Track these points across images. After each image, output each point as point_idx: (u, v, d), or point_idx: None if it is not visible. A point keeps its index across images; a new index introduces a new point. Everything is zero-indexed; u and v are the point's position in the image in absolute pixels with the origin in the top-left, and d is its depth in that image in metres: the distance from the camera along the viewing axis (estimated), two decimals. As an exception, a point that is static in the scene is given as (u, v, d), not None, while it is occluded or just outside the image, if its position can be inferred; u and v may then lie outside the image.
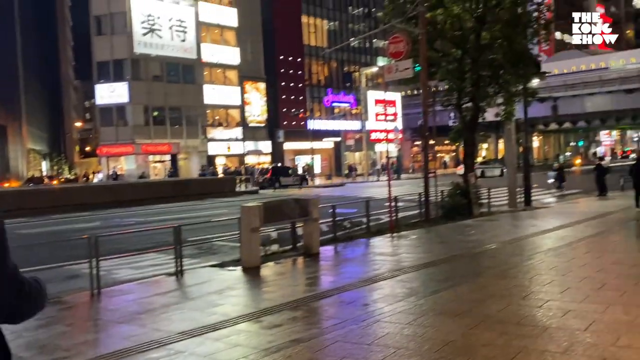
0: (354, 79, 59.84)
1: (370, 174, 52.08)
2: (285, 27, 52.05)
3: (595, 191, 23.95)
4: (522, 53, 17.89)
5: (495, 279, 7.62)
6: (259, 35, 50.34)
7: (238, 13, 47.78)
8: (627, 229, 13.43)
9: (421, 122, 17.21)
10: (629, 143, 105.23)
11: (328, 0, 57.26)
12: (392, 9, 18.15)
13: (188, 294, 7.67)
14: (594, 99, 55.47)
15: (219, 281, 8.26)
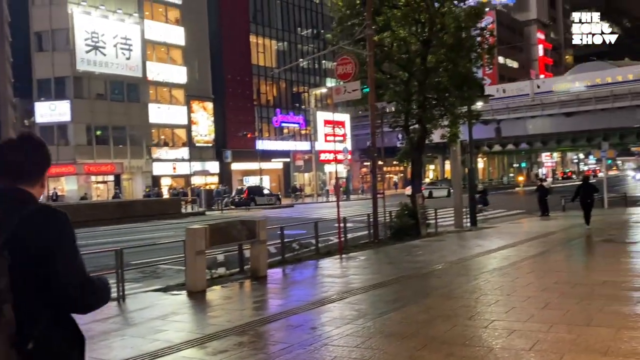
0: (303, 100, 60.23)
1: (320, 195, 52.24)
2: (233, 46, 52.02)
3: (537, 211, 24.74)
4: (467, 76, 18.45)
5: (442, 300, 7.70)
6: (206, 54, 50.11)
7: (185, 32, 47.48)
8: (569, 248, 13.88)
9: (370, 143, 17.41)
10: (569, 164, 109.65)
11: (277, 21, 57.64)
12: (341, 31, 18.44)
13: (130, 320, 7.43)
14: (536, 122, 57.59)
15: (162, 306, 8.04)
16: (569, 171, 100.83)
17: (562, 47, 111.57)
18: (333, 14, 19.63)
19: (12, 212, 1.88)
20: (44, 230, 1.89)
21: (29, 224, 1.87)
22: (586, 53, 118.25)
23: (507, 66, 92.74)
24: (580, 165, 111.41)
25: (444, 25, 18.22)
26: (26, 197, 1.99)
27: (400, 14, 17.48)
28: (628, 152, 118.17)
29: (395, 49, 18.20)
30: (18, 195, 1.96)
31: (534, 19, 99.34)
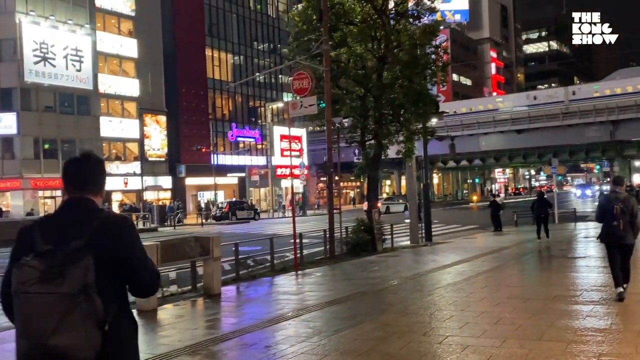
0: (260, 114, 60.14)
1: (276, 210, 52.06)
2: (188, 59, 51.61)
3: (491, 227, 25.28)
4: (422, 93, 18.77)
5: (397, 316, 7.74)
6: (160, 66, 49.52)
7: (138, 44, 46.85)
8: (522, 263, 14.21)
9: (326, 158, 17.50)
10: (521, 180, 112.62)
11: (233, 35, 57.54)
12: (297, 46, 18.55)
13: (76, 342, 7.17)
14: (488, 138, 59.03)
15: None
16: (520, 187, 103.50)
17: (513, 66, 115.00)
18: (289, 28, 19.79)
19: (84, 218, 2.34)
20: (119, 234, 2.35)
21: (105, 229, 2.32)
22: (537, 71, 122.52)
23: (461, 83, 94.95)
24: (532, 181, 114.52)
25: (399, 42, 18.56)
26: (93, 205, 2.44)
27: (356, 31, 17.72)
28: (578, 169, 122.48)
29: (352, 64, 18.41)
30: (87, 205, 2.42)
31: (487, 38, 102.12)
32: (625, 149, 58.77)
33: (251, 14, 59.85)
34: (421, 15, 19.13)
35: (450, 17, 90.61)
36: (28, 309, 2.16)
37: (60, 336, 2.12)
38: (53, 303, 2.13)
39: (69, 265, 2.17)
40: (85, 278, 2.17)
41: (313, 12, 17.74)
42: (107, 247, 2.28)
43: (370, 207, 18.72)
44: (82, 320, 2.16)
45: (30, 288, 2.15)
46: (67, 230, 2.30)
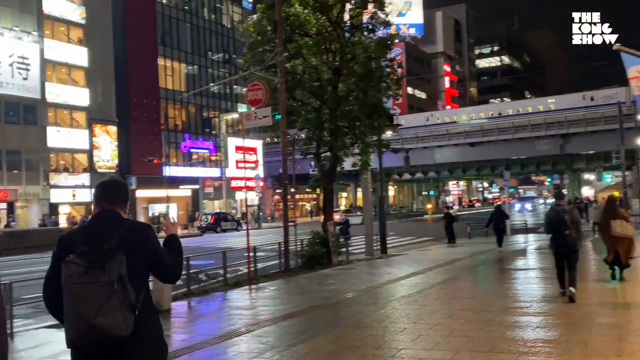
0: (214, 125, 59.64)
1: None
2: (140, 68, 50.84)
3: (445, 239, 25.68)
4: (376, 106, 19.01)
5: (351, 330, 7.76)
6: (111, 76, 48.58)
7: (88, 52, 45.89)
8: (475, 275, 14.47)
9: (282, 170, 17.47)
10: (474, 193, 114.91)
11: (186, 44, 57.01)
12: (252, 57, 18.53)
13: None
14: (443, 151, 60.15)
15: (56, 344, 7.55)
16: (474, 199, 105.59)
17: (467, 80, 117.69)
18: (244, 39, 19.73)
19: (115, 225, 2.98)
20: (145, 236, 3.01)
21: (133, 233, 2.96)
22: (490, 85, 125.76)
23: (416, 96, 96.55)
24: (485, 193, 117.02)
25: (354, 55, 18.76)
26: (120, 216, 3.09)
27: (311, 42, 17.82)
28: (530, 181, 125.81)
29: (307, 76, 18.49)
30: (117, 215, 3.08)
31: (440, 52, 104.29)
32: (575, 162, 60.75)
33: (205, 24, 59.46)
34: (376, 28, 19.40)
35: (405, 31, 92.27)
36: (77, 296, 2.71)
37: (102, 317, 2.67)
38: (96, 290, 2.71)
39: (107, 260, 2.77)
40: (120, 270, 2.76)
41: (268, 23, 17.78)
42: (135, 247, 2.91)
43: (325, 219, 18.77)
44: (119, 305, 2.72)
45: (77, 279, 2.72)
46: (101, 234, 2.92)
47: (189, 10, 57.80)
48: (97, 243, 2.84)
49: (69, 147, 44.99)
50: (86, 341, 2.73)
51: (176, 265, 3.16)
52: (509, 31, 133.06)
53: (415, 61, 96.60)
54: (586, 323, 7.42)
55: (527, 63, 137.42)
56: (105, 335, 2.69)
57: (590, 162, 58.06)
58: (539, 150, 55.44)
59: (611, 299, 9.49)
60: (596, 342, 6.39)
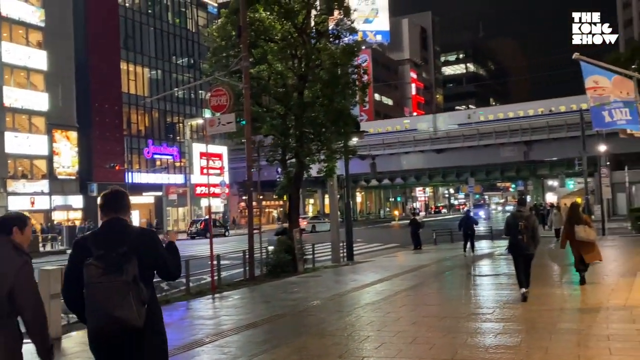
0: (178, 131, 59.05)
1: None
2: (102, 73, 50.06)
3: (411, 245, 25.87)
4: (342, 112, 19.03)
5: (314, 338, 7.74)
6: (71, 80, 47.71)
7: (48, 56, 45.01)
8: (439, 281, 14.60)
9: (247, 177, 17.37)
10: (441, 199, 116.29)
11: (150, 48, 56.41)
12: (216, 62, 18.40)
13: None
14: (409, 158, 60.78)
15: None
16: (440, 205, 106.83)
17: (433, 87, 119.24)
18: (208, 44, 19.59)
19: (123, 231, 3.49)
20: (153, 242, 3.57)
21: (143, 239, 3.52)
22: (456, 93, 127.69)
23: (383, 103, 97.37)
24: (451, 199, 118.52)
25: (320, 61, 18.80)
26: (126, 223, 3.59)
27: (276, 48, 17.80)
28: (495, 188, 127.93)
29: (272, 82, 18.45)
30: (123, 222, 3.58)
31: (407, 59, 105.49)
32: (538, 168, 62.03)
33: (169, 28, 58.95)
34: (341, 35, 19.49)
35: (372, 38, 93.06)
36: (98, 293, 3.25)
37: (121, 311, 3.23)
38: (116, 288, 3.25)
39: (123, 263, 3.30)
40: (134, 271, 3.31)
41: (232, 28, 17.69)
42: (145, 251, 3.44)
43: (291, 226, 18.72)
44: (134, 300, 3.27)
45: (98, 279, 3.26)
46: (112, 239, 3.41)
47: (153, 14, 57.26)
48: (111, 248, 3.36)
49: (27, 153, 44.01)
50: (106, 330, 3.30)
51: (177, 266, 3.75)
52: (474, 39, 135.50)
53: (382, 68, 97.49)
54: (547, 329, 7.55)
55: (492, 71, 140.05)
56: (123, 325, 3.27)
57: (554, 168, 59.35)
58: (503, 157, 56.48)
59: (573, 304, 9.67)
60: (556, 347, 6.51)
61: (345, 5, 19.45)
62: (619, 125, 9.41)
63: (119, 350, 3.39)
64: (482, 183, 75.62)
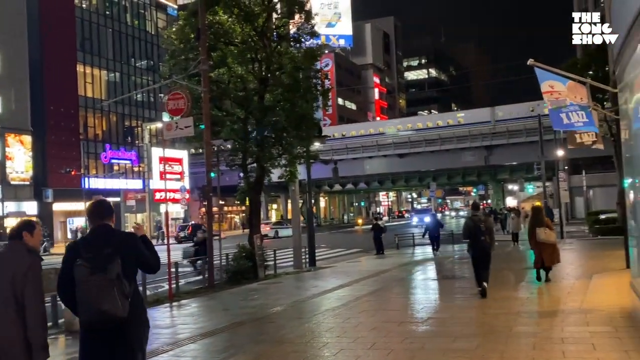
0: (137, 135, 58.18)
1: (154, 237, 50.29)
2: (57, 75, 48.97)
3: (374, 250, 26.01)
4: (304, 116, 19.04)
5: (273, 346, 7.70)
6: (25, 82, 46.51)
7: (1, 57, 43.85)
8: (400, 286, 14.71)
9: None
10: (404, 203, 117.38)
11: (108, 50, 55.48)
12: (174, 65, 18.20)
13: None
14: (372, 162, 61.18)
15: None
16: (403, 210, 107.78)
17: (396, 91, 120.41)
18: (166, 46, 19.37)
19: (109, 236, 4.03)
20: (134, 243, 4.10)
21: (126, 241, 4.06)
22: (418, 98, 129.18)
23: (346, 107, 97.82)
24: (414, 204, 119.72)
25: (281, 65, 18.79)
26: (111, 227, 4.15)
27: (236, 51, 17.72)
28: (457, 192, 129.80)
29: (232, 86, 18.35)
30: (109, 228, 4.13)
31: (370, 64, 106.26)
32: (499, 173, 63.18)
33: (128, 30, 58.10)
34: (302, 38, 19.52)
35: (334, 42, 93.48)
36: (87, 290, 3.78)
37: (107, 304, 3.75)
38: (102, 285, 3.77)
39: (108, 263, 3.82)
40: (118, 269, 3.83)
41: (191, 31, 17.55)
42: (127, 251, 3.97)
43: (252, 232, 18.61)
44: (118, 295, 3.80)
45: (87, 278, 3.79)
46: (99, 243, 3.94)
47: (111, 16, 56.37)
48: (97, 250, 3.89)
49: (-23, 157, 42.72)
50: (95, 321, 3.82)
51: (156, 259, 4.22)
52: (435, 44, 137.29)
53: (345, 72, 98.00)
54: (504, 332, 7.68)
55: (454, 76, 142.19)
56: (110, 317, 3.79)
57: (514, 173, 60.53)
58: (465, 161, 57.34)
59: (530, 307, 9.86)
60: (511, 351, 6.62)
61: (306, 9, 19.52)
62: (577, 127, 9.65)
63: (107, 338, 3.88)
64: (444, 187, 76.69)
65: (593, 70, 27.55)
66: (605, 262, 15.99)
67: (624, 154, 10.03)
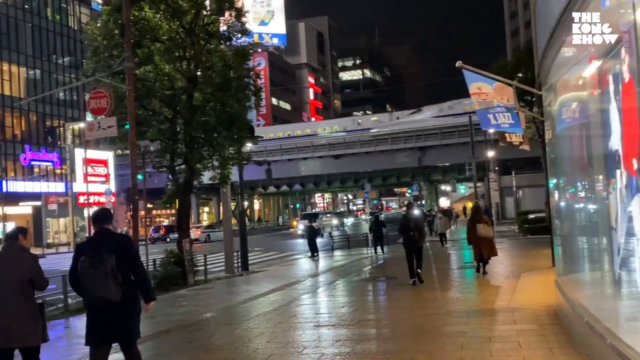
0: (59, 135, 56.09)
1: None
2: (-29, 71, 46.62)
3: (308, 252, 26.06)
4: (236, 117, 18.81)
5: (201, 353, 7.58)
6: None
7: None
8: (333, 288, 14.77)
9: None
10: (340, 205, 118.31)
11: (27, 46, 53.23)
12: (97, 62, 17.63)
13: None
14: (307, 163, 61.39)
15: None
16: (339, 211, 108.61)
17: (331, 92, 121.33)
18: (89, 42, 18.73)
19: (107, 238, 5.28)
20: (128, 245, 5.41)
21: (121, 242, 5.35)
22: (353, 98, 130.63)
23: (281, 108, 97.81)
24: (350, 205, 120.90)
25: (211, 63, 18.52)
26: (109, 231, 5.41)
27: (163, 48, 17.34)
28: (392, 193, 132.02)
29: (159, 84, 17.94)
30: (107, 231, 5.38)
31: (304, 63, 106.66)
32: (432, 174, 64.71)
33: (49, 25, 55.93)
34: (233, 36, 19.32)
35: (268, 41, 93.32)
36: (88, 280, 5.04)
37: (102, 291, 4.98)
38: (99, 276, 4.98)
39: (104, 259, 5.01)
40: (112, 264, 5.01)
41: (115, 27, 17.03)
42: (120, 252, 5.16)
43: (180, 237, 18.26)
44: (112, 284, 4.99)
45: (88, 271, 5.03)
46: (99, 243, 5.19)
47: (30, 10, 54.14)
48: (97, 249, 5.13)
49: None
50: (95, 304, 5.14)
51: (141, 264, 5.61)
52: (370, 45, 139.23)
53: (279, 72, 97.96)
54: (432, 332, 7.84)
55: (388, 77, 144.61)
56: (105, 300, 5.05)
57: (446, 173, 62.15)
58: (399, 162, 58.41)
59: (459, 307, 10.10)
60: (440, 351, 6.77)
61: (237, 6, 19.33)
62: (504, 128, 9.99)
63: (105, 315, 5.16)
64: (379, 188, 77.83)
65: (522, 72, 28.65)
66: (533, 261, 16.63)
67: (549, 154, 10.45)
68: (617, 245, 5.14)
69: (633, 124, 4.38)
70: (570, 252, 8.42)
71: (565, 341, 6.84)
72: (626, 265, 4.90)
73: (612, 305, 5.92)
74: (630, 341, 4.66)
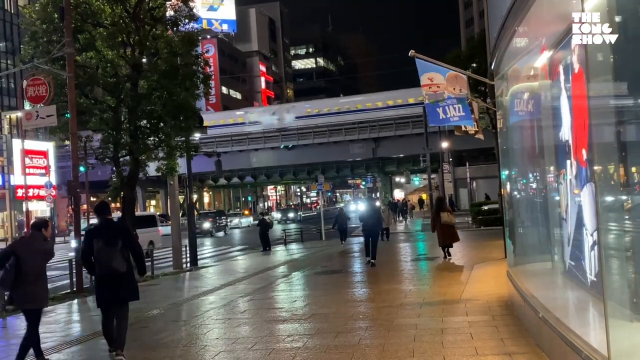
0: (-5, 125, 54.18)
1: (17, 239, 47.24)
2: None
3: (260, 247, 25.97)
4: (183, 105, 18.53)
5: (146, 352, 7.48)
6: None
7: None
8: (286, 283, 14.76)
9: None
10: (293, 197, 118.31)
11: (-42, 29, 51.23)
12: (35, 48, 17.10)
13: None
14: (259, 155, 61.00)
15: None
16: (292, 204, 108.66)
17: (283, 81, 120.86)
18: (26, 27, 18.15)
19: (112, 224, 7.39)
20: (127, 232, 7.44)
21: (123, 230, 7.38)
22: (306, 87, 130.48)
23: (231, 97, 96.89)
24: (304, 198, 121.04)
25: (156, 50, 18.20)
26: (112, 220, 7.51)
27: (106, 34, 16.94)
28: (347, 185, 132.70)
29: (102, 71, 17.54)
30: (110, 220, 7.44)
31: (255, 51, 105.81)
32: (386, 165, 65.29)
33: (-18, 7, 53.93)
34: (180, 22, 19.02)
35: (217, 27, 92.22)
36: (104, 255, 6.95)
37: (115, 263, 6.92)
38: (112, 252, 6.93)
39: (114, 241, 6.98)
40: (121, 244, 6.99)
41: (54, 10, 16.56)
42: (123, 238, 7.10)
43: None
44: (121, 258, 6.97)
45: (104, 249, 6.95)
46: (107, 229, 7.15)
47: (-39, -10, 52.04)
48: (106, 234, 6.99)
49: None
50: (107, 273, 6.92)
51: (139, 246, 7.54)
52: (323, 33, 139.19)
53: (230, 59, 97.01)
54: (386, 325, 7.94)
55: (342, 66, 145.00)
56: (115, 271, 6.87)
57: (401, 165, 62.76)
58: (353, 153, 58.66)
59: (412, 299, 10.24)
60: (392, 344, 6.86)
61: (183, -9, 19.02)
62: (453, 122, 10.13)
63: (113, 283, 6.91)
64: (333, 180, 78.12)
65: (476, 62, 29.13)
66: (487, 252, 17.01)
67: (501, 145, 10.68)
68: (568, 236, 5.30)
69: (583, 115, 4.50)
70: (522, 243, 8.64)
71: (517, 331, 7.03)
72: (576, 256, 5.05)
73: (562, 295, 6.11)
74: (580, 331, 4.81)
